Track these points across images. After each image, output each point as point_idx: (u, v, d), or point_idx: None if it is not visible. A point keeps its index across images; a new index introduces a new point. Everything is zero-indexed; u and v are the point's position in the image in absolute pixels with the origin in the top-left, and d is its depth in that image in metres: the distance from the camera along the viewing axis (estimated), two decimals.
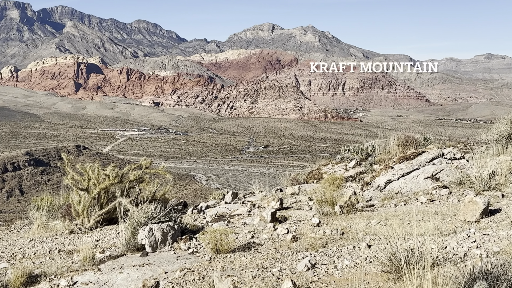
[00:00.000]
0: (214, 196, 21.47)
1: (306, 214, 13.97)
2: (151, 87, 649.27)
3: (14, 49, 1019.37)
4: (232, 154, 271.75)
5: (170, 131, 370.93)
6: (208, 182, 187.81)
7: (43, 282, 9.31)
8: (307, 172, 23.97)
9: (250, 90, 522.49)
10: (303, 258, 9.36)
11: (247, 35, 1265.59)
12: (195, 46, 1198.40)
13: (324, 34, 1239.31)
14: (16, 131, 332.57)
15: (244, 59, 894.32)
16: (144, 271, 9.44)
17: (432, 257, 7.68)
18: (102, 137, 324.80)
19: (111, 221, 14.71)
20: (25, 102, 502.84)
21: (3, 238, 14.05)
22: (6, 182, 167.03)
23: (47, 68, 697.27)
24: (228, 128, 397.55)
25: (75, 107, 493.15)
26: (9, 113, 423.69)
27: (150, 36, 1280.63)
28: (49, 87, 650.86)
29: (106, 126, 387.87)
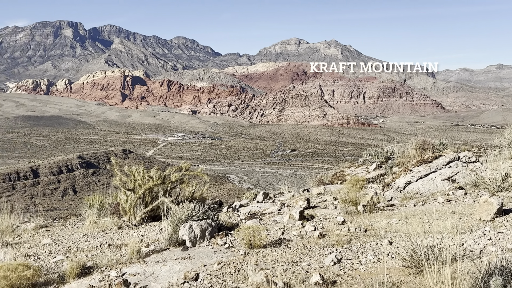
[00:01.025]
0: (246, 195, 21.43)
1: (332, 212, 13.85)
2: (189, 97, 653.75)
3: (68, 64, 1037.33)
4: (262, 157, 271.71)
5: (206, 137, 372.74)
6: (240, 182, 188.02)
7: (95, 273, 9.40)
8: (332, 174, 23.78)
9: (278, 99, 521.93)
10: (329, 253, 9.28)
11: (275, 49, 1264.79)
12: (229, 60, 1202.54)
13: (346, 48, 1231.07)
14: (70, 137, 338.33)
15: (273, 71, 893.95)
16: (185, 264, 9.46)
17: (450, 254, 7.55)
18: (146, 142, 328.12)
19: (155, 218, 14.81)
20: (78, 111, 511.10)
21: (59, 233, 14.22)
22: (61, 182, 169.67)
23: (97, 81, 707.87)
24: (258, 134, 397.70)
25: (121, 115, 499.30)
26: (63, 121, 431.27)
27: (188, 51, 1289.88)
28: (98, 97, 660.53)
29: (149, 132, 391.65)
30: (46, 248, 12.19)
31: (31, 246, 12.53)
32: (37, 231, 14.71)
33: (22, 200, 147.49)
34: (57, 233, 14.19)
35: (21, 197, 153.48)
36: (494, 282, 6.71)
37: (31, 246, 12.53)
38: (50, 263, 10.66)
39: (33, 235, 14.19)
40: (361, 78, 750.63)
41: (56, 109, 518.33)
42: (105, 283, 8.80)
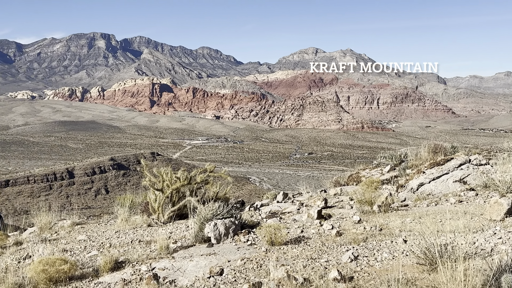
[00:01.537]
0: (267, 196, 21.39)
1: (348, 212, 13.76)
2: (213, 103, 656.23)
3: (101, 73, 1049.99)
4: (281, 160, 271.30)
5: (228, 140, 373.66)
6: (261, 183, 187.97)
7: (127, 267, 9.47)
8: (347, 175, 23.62)
9: (296, 105, 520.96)
10: (346, 250, 9.21)
11: (294, 58, 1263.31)
12: (250, 68, 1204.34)
13: (360, 56, 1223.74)
14: (102, 141, 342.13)
15: (291, 78, 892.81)
16: (210, 260, 9.48)
17: (462, 252, 7.46)
18: (172, 145, 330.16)
19: (181, 216, 14.86)
20: (110, 117, 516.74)
21: (93, 229, 14.36)
22: (94, 183, 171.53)
23: (128, 88, 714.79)
24: (277, 138, 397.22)
25: (150, 120, 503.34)
26: (97, 125, 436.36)
27: (212, 60, 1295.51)
28: (129, 104, 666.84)
29: (176, 136, 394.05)
30: (82, 243, 12.33)
31: (68, 242, 12.68)
32: (73, 228, 14.88)
33: (58, 199, 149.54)
34: (92, 230, 14.34)
35: (58, 196, 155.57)
36: (505, 279, 6.64)
37: (68, 242, 12.68)
38: (85, 257, 10.78)
39: (69, 231, 14.36)
40: (375, 85, 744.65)
41: (90, 114, 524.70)
42: (136, 276, 8.87)
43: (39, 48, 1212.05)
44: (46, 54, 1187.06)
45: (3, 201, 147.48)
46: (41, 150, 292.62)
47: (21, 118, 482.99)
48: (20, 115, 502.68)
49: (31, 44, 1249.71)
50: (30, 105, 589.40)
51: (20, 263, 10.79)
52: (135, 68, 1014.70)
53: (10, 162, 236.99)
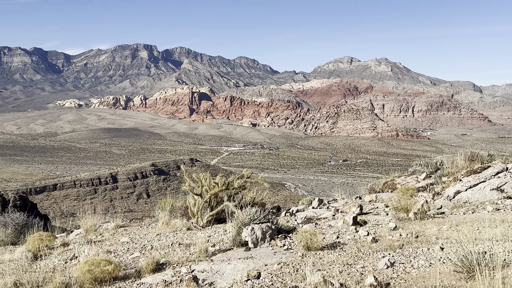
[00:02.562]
0: (302, 201, 21.26)
1: (383, 219, 13.51)
2: (249, 111, 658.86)
3: (143, 82, 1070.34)
4: (316, 167, 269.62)
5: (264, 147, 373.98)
6: (296, 189, 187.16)
7: (168, 269, 9.55)
8: (382, 182, 23.23)
9: (331, 113, 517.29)
10: (383, 257, 9.04)
11: (329, 67, 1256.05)
12: (286, 77, 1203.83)
13: (395, 65, 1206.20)
14: (144, 147, 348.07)
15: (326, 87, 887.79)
16: (247, 263, 9.47)
17: (501, 260, 7.21)
18: (210, 152, 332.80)
19: (219, 220, 14.91)
20: (151, 124, 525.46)
21: (136, 232, 14.55)
22: (136, 187, 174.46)
23: (168, 97, 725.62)
24: (312, 145, 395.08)
25: (189, 127, 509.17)
26: (139, 132, 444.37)
27: (249, 69, 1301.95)
28: (169, 111, 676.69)
29: (214, 143, 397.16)
30: (125, 245, 12.51)
31: (112, 244, 12.89)
32: (116, 230, 15.12)
33: (102, 202, 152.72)
34: (134, 232, 14.53)
35: (102, 200, 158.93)
36: None
37: (112, 244, 12.89)
38: (128, 259, 10.93)
39: (113, 233, 14.60)
40: (410, 93, 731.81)
41: (132, 122, 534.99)
42: (177, 278, 8.93)
43: (86, 59, 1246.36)
44: (92, 64, 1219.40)
45: (51, 204, 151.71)
46: (87, 155, 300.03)
47: (69, 125, 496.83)
48: (67, 123, 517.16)
49: (78, 55, 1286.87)
50: (77, 113, 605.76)
51: (67, 263, 11.04)
52: (175, 78, 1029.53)
53: (58, 167, 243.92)
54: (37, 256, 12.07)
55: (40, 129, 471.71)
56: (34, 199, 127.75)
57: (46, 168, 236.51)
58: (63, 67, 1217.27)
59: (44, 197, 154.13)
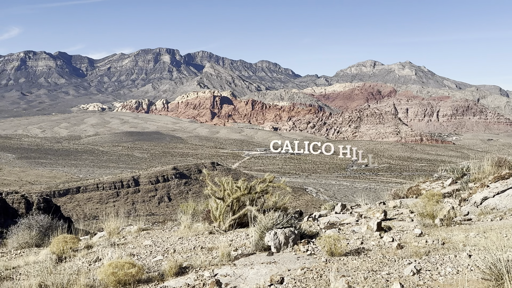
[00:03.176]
0: (325, 206, 21.16)
1: (408, 225, 13.33)
2: (271, 115, 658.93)
3: (165, 86, 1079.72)
4: (338, 171, 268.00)
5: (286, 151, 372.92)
6: (317, 194, 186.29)
7: (191, 273, 9.58)
8: (407, 188, 22.95)
9: (354, 117, 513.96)
10: (408, 264, 8.91)
11: (351, 70, 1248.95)
12: (308, 81, 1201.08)
13: (420, 68, 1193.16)
14: (166, 151, 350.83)
15: (349, 91, 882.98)
16: (270, 268, 9.43)
17: None
18: (232, 156, 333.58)
19: (241, 225, 14.91)
20: (173, 128, 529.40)
21: (158, 235, 14.66)
22: (158, 190, 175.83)
23: (190, 100, 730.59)
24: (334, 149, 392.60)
25: (210, 131, 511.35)
26: (161, 136, 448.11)
27: (271, 73, 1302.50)
28: (191, 115, 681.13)
29: (235, 147, 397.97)
30: (147, 248, 12.61)
31: (135, 247, 13.01)
32: (139, 233, 15.26)
33: (125, 205, 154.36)
34: (156, 235, 14.64)
35: (124, 203, 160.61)
36: None
37: (135, 247, 13.01)
38: (151, 262, 11.01)
39: (136, 236, 14.73)
40: (435, 97, 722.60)
41: (154, 125, 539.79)
42: (200, 282, 8.95)
43: (109, 63, 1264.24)
44: (116, 68, 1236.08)
45: (74, 206, 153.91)
46: (110, 159, 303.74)
47: (92, 129, 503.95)
48: (91, 126, 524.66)
49: (102, 59, 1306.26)
50: (100, 116, 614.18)
51: (91, 266, 11.17)
52: (197, 82, 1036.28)
53: (81, 170, 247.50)
54: (61, 258, 12.25)
55: (64, 132, 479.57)
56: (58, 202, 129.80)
57: (70, 171, 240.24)
58: (87, 71, 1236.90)
59: (67, 199, 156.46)
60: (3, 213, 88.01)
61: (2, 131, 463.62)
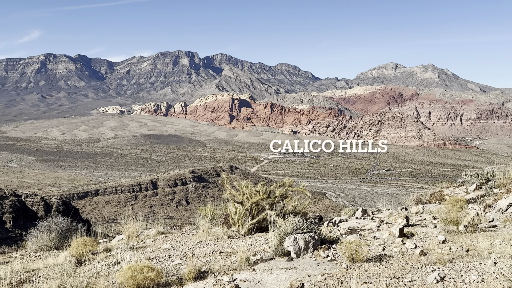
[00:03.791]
0: (345, 211, 21.00)
1: (431, 231, 13.16)
2: (290, 118, 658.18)
3: (184, 89, 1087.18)
4: (358, 176, 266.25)
5: (305, 155, 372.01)
6: (337, 199, 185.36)
7: (210, 277, 9.60)
8: (429, 193, 22.64)
9: (374, 121, 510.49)
10: (432, 271, 8.79)
11: (372, 73, 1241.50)
12: (327, 84, 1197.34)
13: (443, 71, 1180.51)
14: (184, 154, 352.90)
15: (369, 94, 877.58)
16: (290, 274, 9.40)
17: None
18: (250, 159, 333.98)
19: (260, 229, 14.89)
20: (191, 131, 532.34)
21: (177, 239, 14.72)
22: (176, 194, 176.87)
23: (208, 103, 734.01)
24: (354, 153, 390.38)
25: (229, 134, 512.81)
26: (179, 139, 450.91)
27: (290, 76, 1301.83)
28: (209, 118, 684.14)
29: (253, 150, 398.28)
30: (166, 252, 12.68)
31: (153, 250, 13.09)
32: (157, 237, 15.35)
33: (143, 208, 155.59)
34: (175, 239, 14.71)
35: (142, 206, 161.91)
36: None
37: (153, 250, 13.09)
38: (170, 266, 11.06)
39: (155, 240, 14.83)
40: (458, 101, 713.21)
41: (173, 128, 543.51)
42: (219, 286, 8.97)
43: (128, 66, 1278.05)
44: (135, 71, 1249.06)
45: (93, 209, 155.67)
46: (128, 162, 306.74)
47: (111, 132, 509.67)
48: (110, 129, 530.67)
49: (121, 62, 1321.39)
50: (119, 119, 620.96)
51: (110, 269, 11.26)
52: (216, 84, 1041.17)
53: (100, 173, 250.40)
54: (80, 261, 12.39)
55: (83, 135, 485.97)
56: (77, 204, 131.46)
57: (89, 174, 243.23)
58: (106, 74, 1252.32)
59: (86, 202, 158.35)
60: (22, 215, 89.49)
61: (22, 134, 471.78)
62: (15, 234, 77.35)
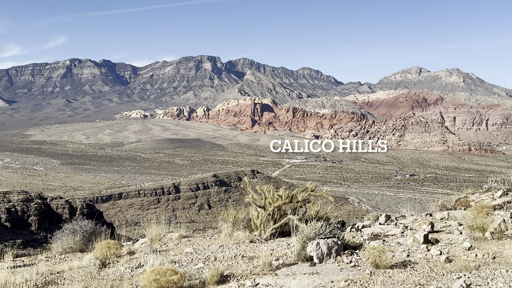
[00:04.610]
0: (368, 217, 20.77)
1: (457, 238, 12.94)
2: (312, 122, 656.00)
3: (206, 93, 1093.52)
4: (381, 181, 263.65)
5: (327, 160, 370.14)
6: (359, 204, 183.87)
7: (232, 281, 9.60)
8: (454, 199, 22.28)
9: (398, 125, 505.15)
10: (457, 278, 8.65)
11: (396, 77, 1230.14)
12: (350, 88, 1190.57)
13: (468, 75, 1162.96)
14: (206, 158, 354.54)
15: (393, 98, 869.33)
16: (313, 279, 9.34)
17: None
18: (272, 164, 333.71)
19: (283, 234, 14.85)
20: (214, 135, 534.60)
21: (199, 243, 14.76)
22: (198, 198, 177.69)
23: (231, 108, 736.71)
24: (378, 158, 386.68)
25: (251, 139, 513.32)
26: (201, 143, 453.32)
27: (312, 80, 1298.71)
28: (231, 123, 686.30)
29: (275, 155, 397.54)
30: (188, 256, 12.73)
31: (176, 254, 13.16)
32: (180, 240, 15.42)
33: (165, 212, 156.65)
34: (197, 243, 14.75)
35: (165, 210, 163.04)
36: None
37: (176, 254, 13.16)
38: (192, 269, 11.10)
39: (177, 243, 14.90)
40: (484, 105, 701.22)
41: (195, 133, 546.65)
42: None
43: (152, 71, 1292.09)
44: (158, 76, 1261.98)
45: (116, 212, 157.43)
46: (151, 165, 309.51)
47: (134, 136, 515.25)
48: (133, 133, 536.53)
49: (144, 67, 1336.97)
50: (143, 123, 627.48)
51: (133, 272, 11.36)
52: (238, 89, 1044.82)
53: (123, 176, 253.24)
54: (104, 263, 12.52)
55: (107, 139, 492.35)
56: (100, 207, 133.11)
57: (112, 177, 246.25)
58: (130, 78, 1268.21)
59: (109, 205, 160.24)
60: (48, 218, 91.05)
61: (48, 137, 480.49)
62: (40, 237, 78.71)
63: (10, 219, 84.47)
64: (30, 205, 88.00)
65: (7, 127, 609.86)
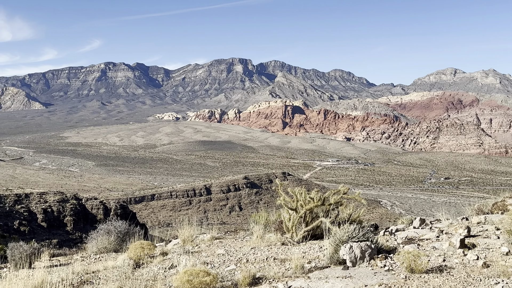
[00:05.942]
0: (402, 220, 20.43)
1: (494, 242, 12.57)
2: (343, 124, 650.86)
3: (238, 96, 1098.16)
4: (414, 184, 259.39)
5: (359, 162, 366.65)
6: (392, 207, 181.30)
7: (264, 284, 9.56)
8: (491, 203, 21.69)
9: (432, 127, 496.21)
10: (496, 284, 8.40)
11: (430, 79, 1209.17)
12: (383, 90, 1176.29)
13: (505, 77, 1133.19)
14: (237, 160, 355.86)
15: (427, 100, 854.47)
16: (346, 283, 9.23)
17: None
18: (303, 166, 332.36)
19: (314, 236, 14.73)
20: (245, 137, 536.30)
21: (231, 244, 14.79)
22: (229, 200, 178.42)
23: (262, 110, 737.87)
24: (411, 161, 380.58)
25: (282, 141, 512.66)
26: (232, 145, 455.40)
27: (344, 82, 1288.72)
28: (262, 125, 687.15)
29: (306, 157, 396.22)
30: (221, 257, 12.76)
31: (208, 255, 13.22)
32: (212, 242, 15.49)
33: (197, 213, 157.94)
34: (229, 244, 14.78)
35: (196, 211, 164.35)
36: None
37: (208, 255, 13.22)
38: (225, 271, 11.12)
39: (209, 245, 14.97)
40: None
41: (226, 135, 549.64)
42: None
43: (184, 73, 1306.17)
44: (190, 78, 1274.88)
45: (149, 213, 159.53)
46: (183, 167, 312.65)
47: (167, 138, 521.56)
48: (165, 135, 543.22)
49: (177, 70, 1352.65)
50: (175, 125, 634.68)
51: (166, 272, 11.46)
52: (269, 91, 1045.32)
53: (156, 178, 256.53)
54: (138, 264, 12.68)
55: (140, 141, 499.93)
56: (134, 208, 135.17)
57: (145, 179, 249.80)
58: (162, 81, 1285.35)
59: (142, 206, 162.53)
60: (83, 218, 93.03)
61: (83, 139, 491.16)
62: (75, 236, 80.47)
63: (46, 219, 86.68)
64: (65, 205, 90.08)
65: (44, 129, 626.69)
